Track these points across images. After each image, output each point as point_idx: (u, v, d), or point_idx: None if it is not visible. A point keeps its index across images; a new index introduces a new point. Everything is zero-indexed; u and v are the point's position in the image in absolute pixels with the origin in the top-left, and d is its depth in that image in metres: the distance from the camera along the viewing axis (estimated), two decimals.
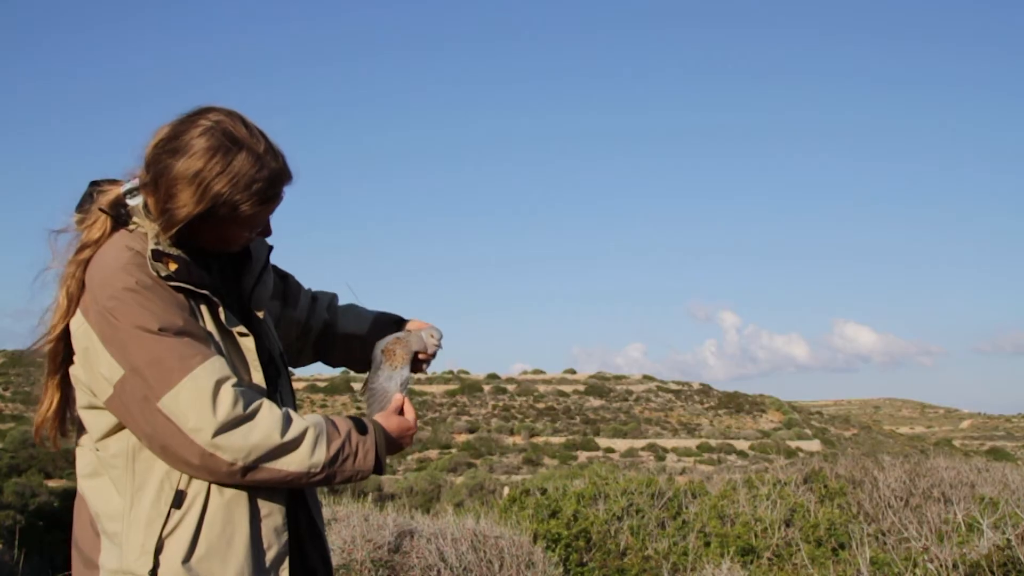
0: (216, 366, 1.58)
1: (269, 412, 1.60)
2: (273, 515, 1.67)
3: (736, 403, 61.98)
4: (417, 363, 1.95)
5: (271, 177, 1.67)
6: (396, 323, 2.08)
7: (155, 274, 1.61)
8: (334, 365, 2.07)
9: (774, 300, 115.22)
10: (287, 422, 1.61)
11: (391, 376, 1.91)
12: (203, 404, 1.54)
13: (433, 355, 2.00)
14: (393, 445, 1.78)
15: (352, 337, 2.05)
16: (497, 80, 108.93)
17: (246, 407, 1.58)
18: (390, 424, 1.78)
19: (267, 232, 1.78)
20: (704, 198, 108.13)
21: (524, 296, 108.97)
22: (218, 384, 1.56)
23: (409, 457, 45.27)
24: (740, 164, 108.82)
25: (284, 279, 2.04)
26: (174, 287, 1.62)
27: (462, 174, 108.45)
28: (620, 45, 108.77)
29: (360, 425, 1.71)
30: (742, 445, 49.98)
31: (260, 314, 1.83)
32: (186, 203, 1.61)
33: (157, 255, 1.62)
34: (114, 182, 1.72)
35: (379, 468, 1.70)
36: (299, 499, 1.77)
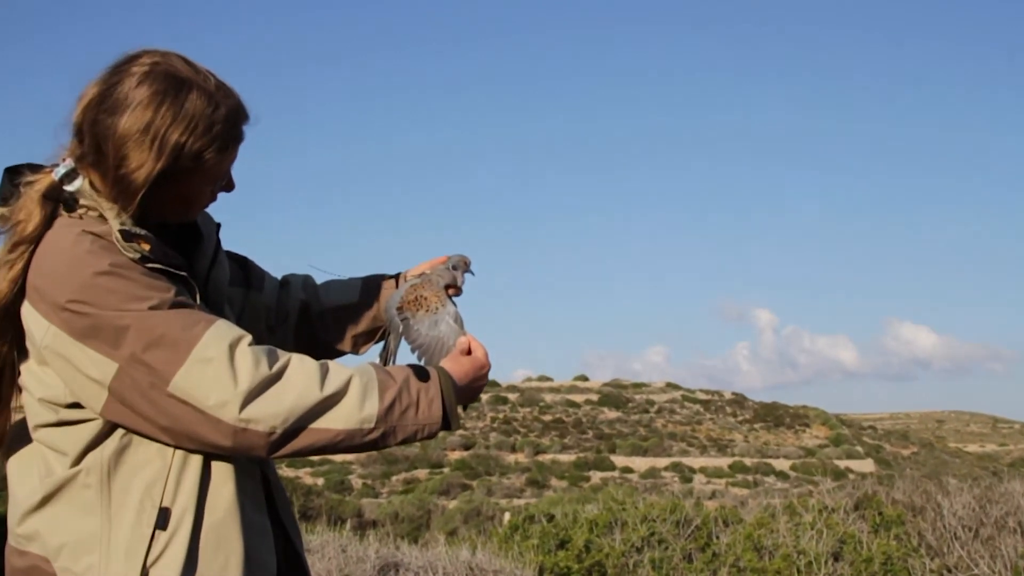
0: (223, 329, 1.58)
1: (300, 365, 1.59)
2: (266, 534, 1.69)
3: (775, 416, 62.02)
4: None
5: (230, 116, 1.67)
6: (390, 281, 2.10)
7: (127, 257, 1.60)
8: (325, 353, 2.08)
9: (817, 296, 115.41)
10: (324, 372, 1.60)
11: (436, 320, 1.87)
12: (221, 374, 1.54)
13: (459, 289, 1.99)
14: (465, 392, 1.75)
15: (342, 309, 2.07)
16: (503, 72, 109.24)
17: (271, 365, 1.57)
18: (458, 368, 1.75)
19: (230, 186, 1.78)
20: (733, 182, 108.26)
21: (527, 291, 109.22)
22: (232, 347, 1.56)
23: (394, 478, 45.37)
24: (774, 145, 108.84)
25: (242, 263, 2.05)
26: (151, 269, 1.62)
27: (461, 159, 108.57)
28: (636, 40, 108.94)
29: (420, 371, 1.68)
30: (782, 465, 50.04)
31: (221, 292, 1.84)
32: (143, 163, 1.61)
33: (127, 235, 1.62)
34: (36, 167, 1.70)
35: (448, 422, 1.67)
36: (275, 519, 1.78)
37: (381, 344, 2.06)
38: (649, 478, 45.89)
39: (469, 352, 1.83)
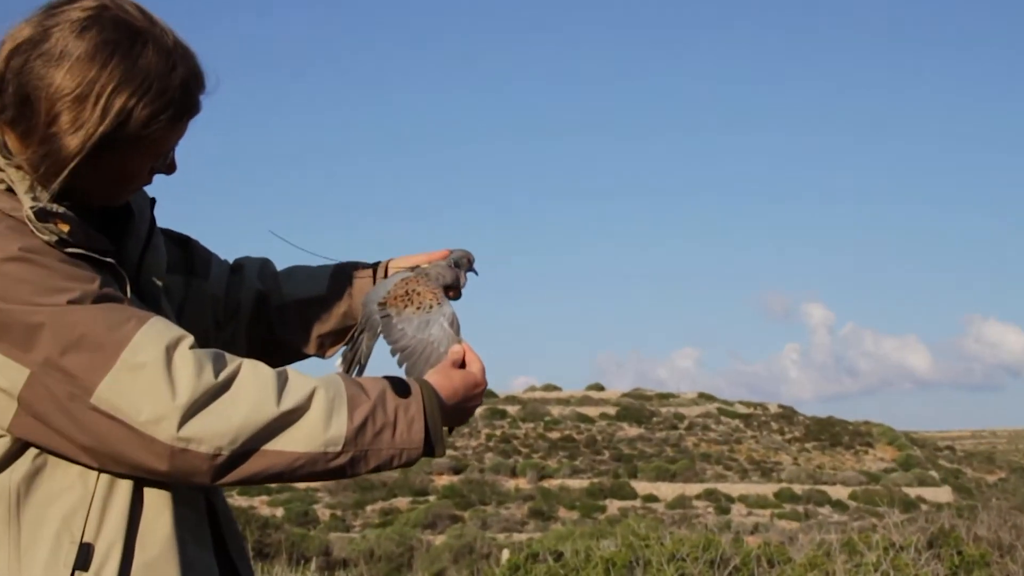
0: (159, 328, 1.58)
1: (253, 373, 1.59)
2: (210, 574, 1.69)
3: (830, 433, 62.15)
4: None
5: (187, 81, 1.68)
6: (366, 271, 2.09)
7: (42, 240, 1.60)
8: (283, 355, 2.07)
9: (882, 288, 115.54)
10: (283, 383, 1.60)
11: (428, 321, 1.86)
12: (156, 384, 1.53)
13: (460, 292, 2.00)
14: (453, 413, 1.76)
15: (307, 303, 2.07)
16: (512, 55, 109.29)
17: (218, 372, 1.57)
18: (447, 382, 1.75)
19: (171, 166, 1.79)
20: (777, 156, 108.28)
21: (530, 283, 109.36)
22: (170, 350, 1.55)
23: (369, 508, 45.50)
24: (826, 113, 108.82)
25: (184, 244, 2.05)
26: (70, 255, 1.61)
27: (456, 138, 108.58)
28: (653, 13, 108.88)
29: (399, 385, 1.68)
30: (839, 492, 50.15)
31: (158, 281, 1.84)
32: (81, 125, 1.61)
33: (43, 214, 1.61)
34: None
35: (431, 447, 1.68)
36: (224, 557, 1.78)
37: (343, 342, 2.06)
38: (678, 508, 45.98)
39: (463, 365, 1.83)
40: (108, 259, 1.66)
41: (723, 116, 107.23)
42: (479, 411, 54.48)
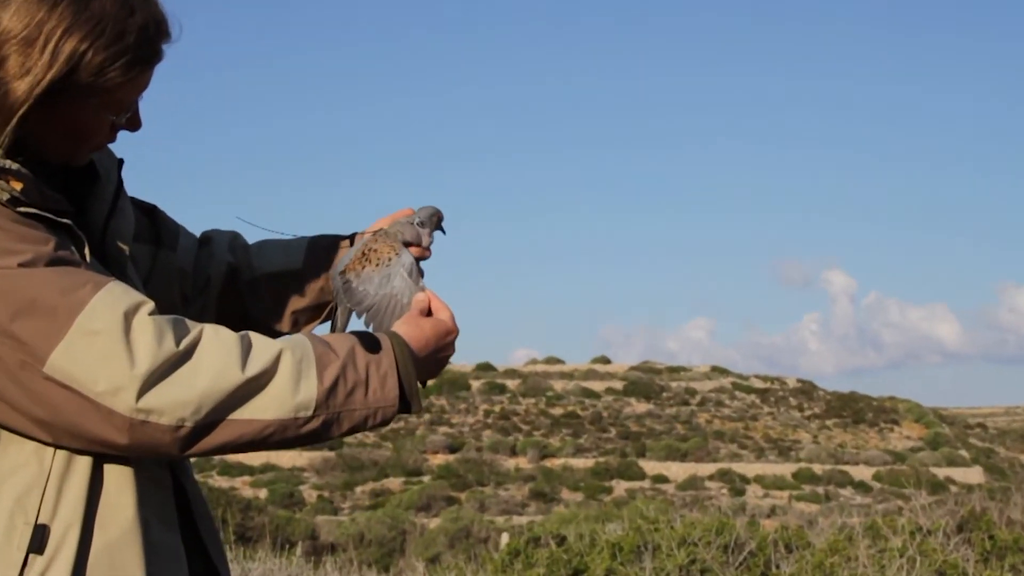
0: (117, 293, 1.59)
1: (216, 338, 1.61)
2: (177, 558, 1.70)
3: (853, 410, 62.36)
4: None
5: (147, 27, 1.68)
6: (345, 242, 2.11)
7: None
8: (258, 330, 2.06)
9: (907, 255, 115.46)
10: (246, 347, 1.62)
11: (388, 275, 1.92)
12: (113, 351, 1.54)
13: (428, 250, 2.04)
14: (426, 363, 1.79)
15: (280, 277, 2.10)
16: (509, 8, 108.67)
17: (179, 339, 1.58)
18: (416, 332, 1.79)
19: (135, 122, 1.78)
20: (794, 108, 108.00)
21: (532, 249, 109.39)
22: (128, 316, 1.56)
23: (359, 489, 45.70)
24: (852, 64, 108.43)
25: (150, 213, 2.08)
26: (23, 215, 1.61)
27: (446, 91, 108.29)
28: None
29: (368, 340, 1.71)
30: (862, 473, 50.38)
31: (125, 248, 1.84)
32: (28, 70, 1.61)
33: None
34: None
35: (406, 403, 1.71)
36: (194, 539, 1.79)
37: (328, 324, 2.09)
38: (689, 489, 46.22)
39: (430, 313, 1.85)
40: (65, 220, 1.65)
41: (737, 70, 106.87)
42: (476, 385, 54.86)
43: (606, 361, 67.26)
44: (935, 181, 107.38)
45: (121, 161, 1.90)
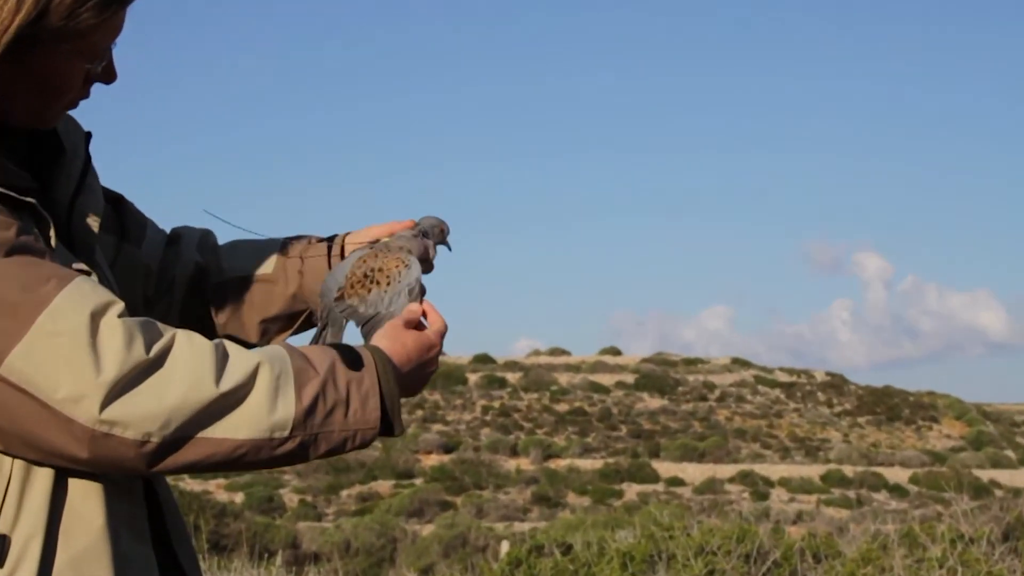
0: (85, 290, 1.58)
1: (189, 347, 1.61)
2: (148, 570, 1.71)
3: (887, 406, 62.43)
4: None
5: None
6: (320, 245, 2.12)
7: None
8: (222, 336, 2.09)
9: (948, 236, 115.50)
10: (222, 359, 1.62)
11: (398, 292, 1.95)
12: (78, 355, 1.53)
13: (431, 266, 2.07)
14: (410, 380, 1.81)
15: (251, 282, 2.11)
16: None
17: (149, 346, 1.58)
18: (398, 347, 1.81)
19: (110, 73, 1.78)
20: (826, 82, 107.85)
21: (534, 229, 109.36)
22: (96, 317, 1.56)
23: (344, 493, 45.79)
24: (887, 29, 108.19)
25: (116, 203, 2.08)
26: None
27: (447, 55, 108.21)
28: None
29: (349, 355, 1.72)
30: (898, 475, 50.45)
31: (93, 228, 1.83)
32: None
33: None
34: None
35: (388, 424, 1.72)
36: (166, 551, 1.79)
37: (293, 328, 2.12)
38: (707, 493, 46.27)
39: (419, 326, 1.88)
40: (28, 199, 1.65)
41: (762, 39, 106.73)
42: (474, 379, 54.77)
43: (616, 352, 67.32)
44: (978, 154, 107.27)
45: (88, 135, 1.90)
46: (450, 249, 2.07)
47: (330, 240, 2.13)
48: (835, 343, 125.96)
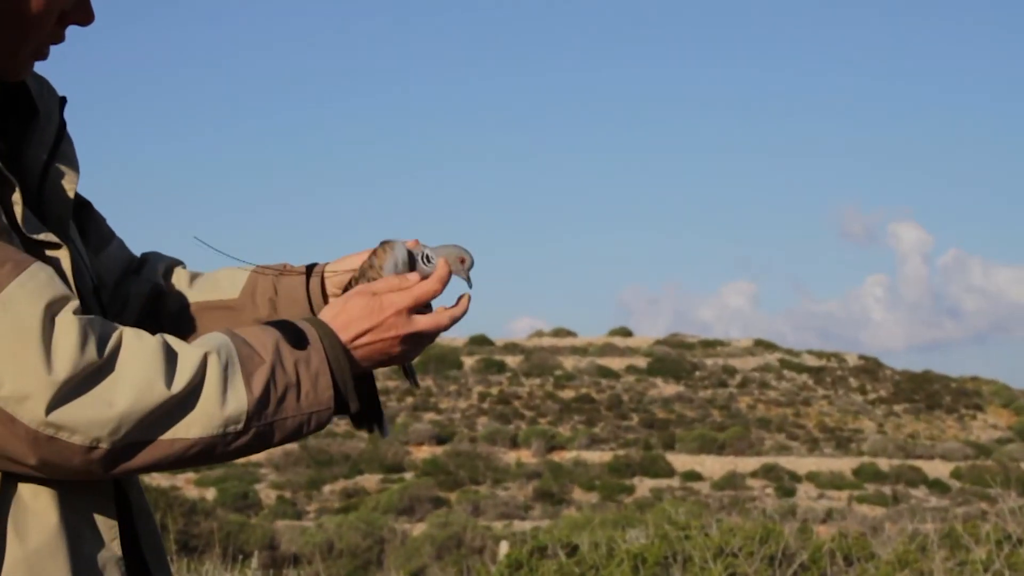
0: (42, 280, 1.60)
1: (139, 347, 1.63)
2: (111, 570, 1.72)
3: (927, 392, 62.51)
4: None
5: None
6: (298, 274, 2.13)
7: None
8: None
9: (993, 205, 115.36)
10: (170, 356, 1.65)
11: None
12: (27, 351, 1.55)
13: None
14: (363, 352, 1.83)
15: (212, 308, 2.12)
16: None
17: (101, 347, 1.60)
18: (344, 315, 1.83)
19: (86, 12, 1.80)
20: (861, 37, 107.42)
21: (535, 197, 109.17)
22: (51, 310, 1.58)
23: (327, 488, 45.86)
24: None
25: (83, 208, 2.08)
26: None
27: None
28: None
29: (293, 333, 1.76)
30: (938, 469, 50.55)
31: (69, 192, 1.84)
32: None
33: None
34: None
35: (342, 402, 1.76)
36: (134, 554, 1.81)
37: None
38: (727, 489, 46.37)
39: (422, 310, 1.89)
40: None
41: None
42: (470, 363, 54.64)
43: (627, 333, 67.36)
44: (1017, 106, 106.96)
45: (63, 99, 1.91)
46: (470, 286, 2.00)
47: (308, 268, 2.13)
48: (869, 323, 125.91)
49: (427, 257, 1.99)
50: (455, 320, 1.90)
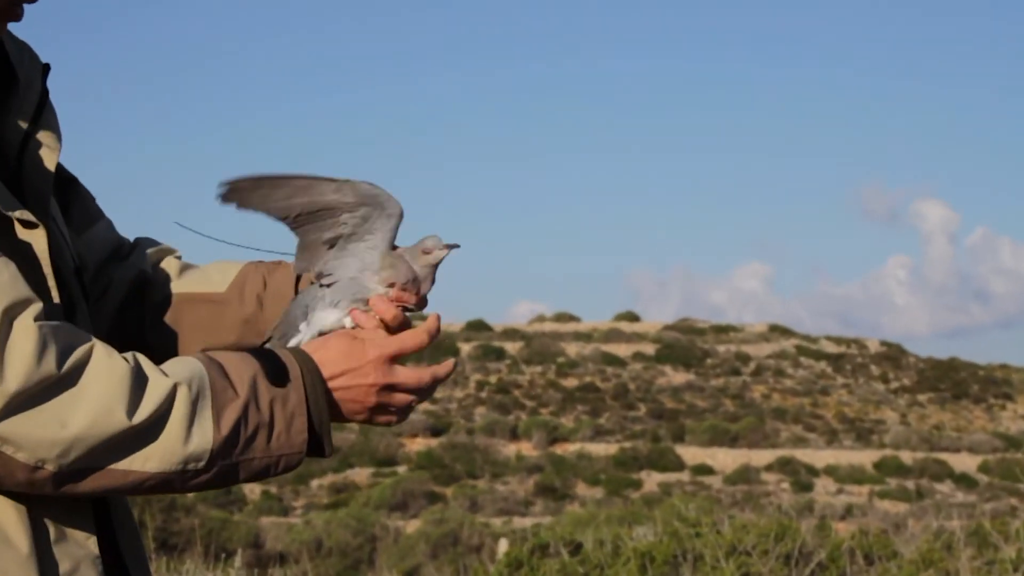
0: (3, 279, 1.61)
1: (106, 367, 1.63)
2: (85, 565, 1.72)
3: (953, 381, 62.52)
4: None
5: None
6: (284, 271, 2.11)
7: None
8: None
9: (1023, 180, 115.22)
10: (138, 382, 1.64)
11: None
12: None
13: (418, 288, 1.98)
14: (341, 396, 1.81)
15: (199, 301, 2.12)
16: None
17: (62, 360, 1.60)
18: (328, 350, 1.81)
19: None
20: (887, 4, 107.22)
21: (537, 175, 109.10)
22: (10, 313, 1.58)
23: (315, 483, 45.92)
24: None
25: (68, 184, 2.08)
26: None
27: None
28: None
29: (274, 366, 1.75)
30: (965, 463, 50.60)
31: (50, 165, 1.84)
32: None
33: None
34: None
35: (319, 446, 1.76)
36: (111, 552, 1.80)
37: None
38: (741, 483, 46.45)
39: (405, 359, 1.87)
40: None
41: None
42: (466, 349, 54.73)
43: (633, 318, 67.38)
44: None
45: (47, 66, 1.91)
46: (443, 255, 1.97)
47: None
48: (891, 307, 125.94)
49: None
50: (438, 380, 1.86)
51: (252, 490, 44.93)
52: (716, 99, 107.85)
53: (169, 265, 2.14)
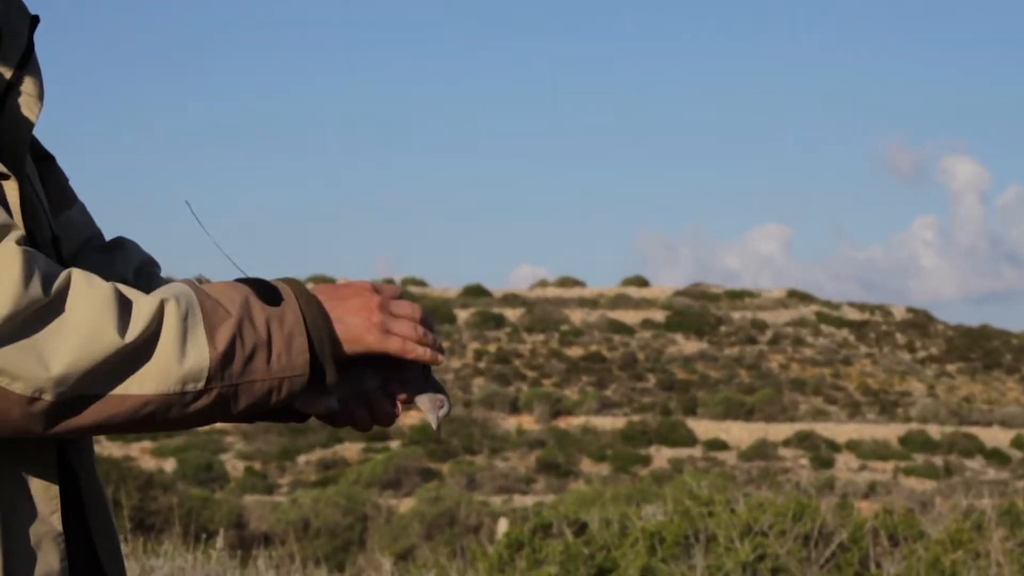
0: None
1: (88, 289, 1.63)
2: (49, 543, 1.72)
3: (984, 350, 62.59)
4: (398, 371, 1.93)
5: None
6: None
7: None
8: None
9: None
10: (124, 303, 1.64)
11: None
12: None
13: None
14: (351, 321, 1.80)
15: None
16: None
17: (48, 285, 1.61)
18: (319, 286, 1.83)
19: None
20: None
21: (538, 131, 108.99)
22: None
23: (301, 459, 46.02)
24: None
25: (43, 161, 2.07)
26: None
27: None
28: None
29: (264, 289, 1.75)
30: (996, 437, 50.70)
31: (29, 121, 1.84)
32: None
33: None
34: None
35: (319, 369, 1.74)
36: (80, 532, 1.81)
37: None
38: (757, 459, 46.59)
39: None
40: None
41: None
42: (464, 316, 54.99)
43: (642, 283, 67.42)
44: None
45: (35, 18, 1.91)
46: (435, 426, 2.03)
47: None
48: (918, 271, 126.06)
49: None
50: (436, 343, 1.84)
51: (235, 466, 45.09)
52: (729, 49, 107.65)
53: (149, 281, 2.10)
